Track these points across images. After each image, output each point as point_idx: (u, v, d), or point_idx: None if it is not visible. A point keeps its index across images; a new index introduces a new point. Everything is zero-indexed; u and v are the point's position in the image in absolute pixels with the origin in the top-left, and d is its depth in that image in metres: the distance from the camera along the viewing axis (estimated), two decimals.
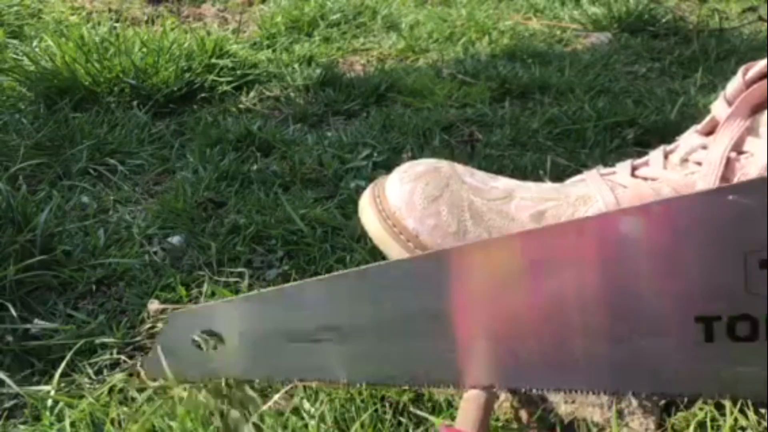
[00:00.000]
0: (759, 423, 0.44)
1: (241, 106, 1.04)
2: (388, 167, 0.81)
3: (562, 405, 0.45)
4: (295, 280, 0.61)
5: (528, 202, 0.48)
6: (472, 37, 1.37)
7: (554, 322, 0.38)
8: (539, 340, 0.39)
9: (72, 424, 0.46)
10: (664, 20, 1.44)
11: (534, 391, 0.43)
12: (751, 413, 0.44)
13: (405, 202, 0.48)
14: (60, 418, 0.47)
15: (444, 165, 0.51)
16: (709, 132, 0.48)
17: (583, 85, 1.07)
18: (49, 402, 0.48)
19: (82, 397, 0.49)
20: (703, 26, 1.44)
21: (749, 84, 0.46)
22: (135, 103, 0.99)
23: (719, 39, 1.33)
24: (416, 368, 0.43)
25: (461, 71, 1.16)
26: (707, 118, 0.48)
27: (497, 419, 0.46)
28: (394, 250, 0.49)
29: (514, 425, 0.45)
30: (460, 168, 0.51)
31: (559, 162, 0.82)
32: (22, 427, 0.47)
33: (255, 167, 0.82)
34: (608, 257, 0.36)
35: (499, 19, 1.50)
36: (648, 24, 1.43)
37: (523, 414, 0.46)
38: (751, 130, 0.45)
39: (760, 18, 1.48)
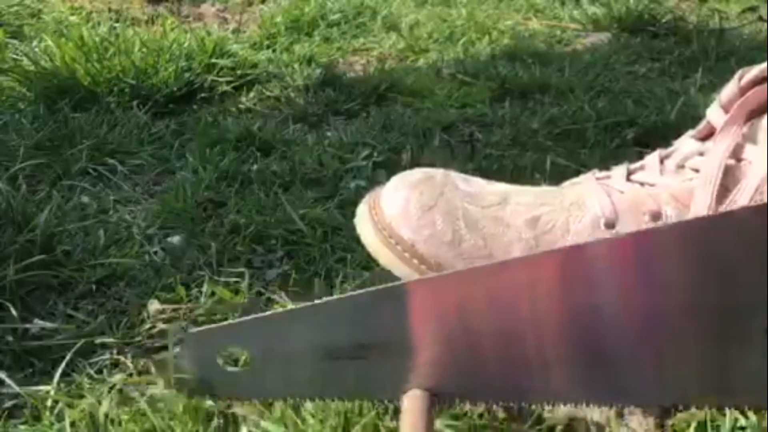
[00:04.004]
0: (759, 423, 0.44)
1: (241, 106, 1.04)
2: (388, 167, 0.81)
3: (562, 404, 0.45)
4: (295, 280, 0.61)
5: (522, 207, 0.48)
6: (472, 37, 1.37)
7: None
8: None
9: (72, 424, 0.46)
10: (664, 20, 1.44)
11: None
12: (751, 413, 0.44)
13: (400, 213, 0.49)
14: (60, 418, 0.47)
15: (438, 173, 0.51)
16: (705, 137, 0.48)
17: (583, 85, 1.07)
18: (49, 402, 0.48)
19: (82, 397, 0.49)
20: (703, 26, 1.44)
21: (744, 90, 0.45)
22: (135, 103, 0.98)
23: (719, 39, 1.32)
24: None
25: (461, 71, 1.15)
26: (702, 123, 0.48)
27: (495, 418, 0.46)
28: (389, 261, 0.49)
29: (513, 425, 0.45)
30: (454, 175, 0.51)
31: (559, 162, 0.82)
32: (22, 427, 0.47)
33: (255, 167, 0.82)
34: None
35: (499, 19, 1.50)
36: (648, 24, 1.43)
37: (524, 412, 0.46)
38: (749, 137, 0.45)
39: (760, 18, 1.47)
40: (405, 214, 0.48)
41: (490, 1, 1.63)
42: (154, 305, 0.58)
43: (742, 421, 0.44)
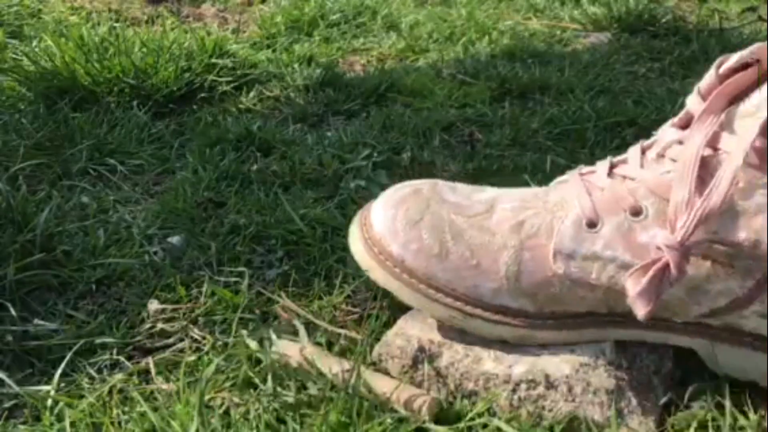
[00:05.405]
0: (759, 423, 0.44)
1: (241, 106, 1.04)
2: (388, 167, 0.81)
3: (561, 403, 0.45)
4: (295, 280, 0.61)
5: (509, 213, 0.48)
6: (472, 37, 1.37)
7: None
8: None
9: (72, 424, 0.46)
10: (664, 20, 1.44)
11: None
12: (751, 413, 0.44)
13: (388, 229, 0.49)
14: (60, 418, 0.47)
15: (425, 186, 0.51)
16: (685, 125, 0.47)
17: (583, 85, 1.07)
18: (49, 402, 0.48)
19: (82, 397, 0.49)
20: (703, 26, 1.44)
21: (723, 78, 0.45)
22: (135, 103, 0.99)
23: (719, 39, 1.32)
24: None
25: (461, 71, 1.16)
26: (682, 112, 0.48)
27: (498, 417, 0.46)
28: (381, 277, 0.49)
29: (515, 424, 0.45)
30: (441, 185, 0.51)
31: (559, 162, 0.82)
32: (22, 427, 0.47)
33: (255, 167, 0.82)
34: None
35: (499, 19, 1.50)
36: (648, 24, 1.43)
37: (524, 412, 0.46)
38: (725, 126, 0.44)
39: (760, 18, 1.47)
40: (392, 231, 0.49)
41: (490, 1, 1.63)
42: (154, 305, 0.58)
43: (742, 421, 0.44)
